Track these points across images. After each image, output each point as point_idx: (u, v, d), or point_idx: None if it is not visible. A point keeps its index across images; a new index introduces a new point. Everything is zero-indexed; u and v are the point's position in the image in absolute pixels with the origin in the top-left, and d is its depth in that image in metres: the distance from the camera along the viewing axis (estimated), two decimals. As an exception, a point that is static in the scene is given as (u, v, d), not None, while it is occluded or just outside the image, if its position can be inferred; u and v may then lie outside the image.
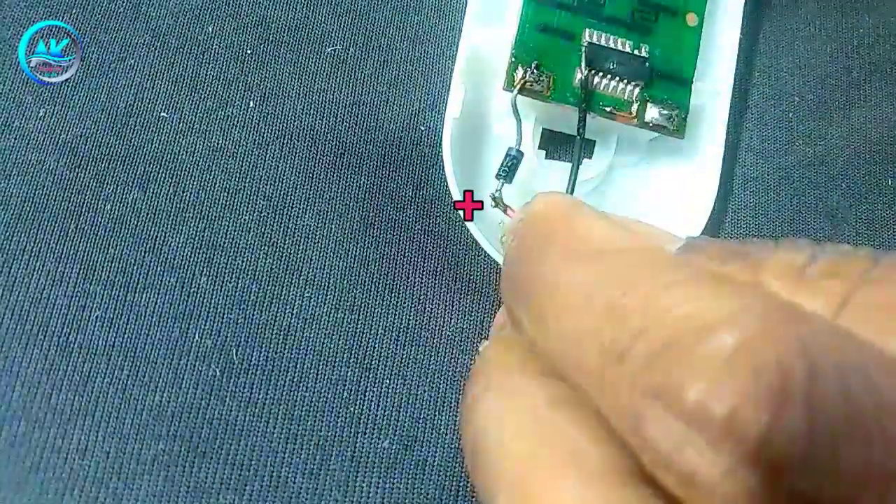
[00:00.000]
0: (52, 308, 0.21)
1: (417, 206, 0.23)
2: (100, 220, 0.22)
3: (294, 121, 0.24)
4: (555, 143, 0.24)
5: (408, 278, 0.23)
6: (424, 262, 0.23)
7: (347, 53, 0.25)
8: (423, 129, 0.24)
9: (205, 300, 0.22)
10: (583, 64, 0.22)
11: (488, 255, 0.22)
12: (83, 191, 0.22)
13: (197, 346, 0.21)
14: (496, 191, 0.20)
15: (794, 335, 0.11)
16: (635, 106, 0.22)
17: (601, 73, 0.22)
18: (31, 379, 0.20)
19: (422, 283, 0.23)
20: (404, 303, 0.22)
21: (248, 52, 0.25)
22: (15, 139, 0.23)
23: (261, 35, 0.25)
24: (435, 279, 0.23)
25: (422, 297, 0.22)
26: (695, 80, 0.23)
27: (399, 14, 0.26)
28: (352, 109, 0.24)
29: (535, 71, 0.22)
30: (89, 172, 0.23)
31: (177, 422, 0.20)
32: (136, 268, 0.22)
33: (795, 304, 0.12)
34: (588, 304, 0.13)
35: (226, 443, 0.20)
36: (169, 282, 0.22)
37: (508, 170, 0.21)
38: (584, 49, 0.22)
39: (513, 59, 0.22)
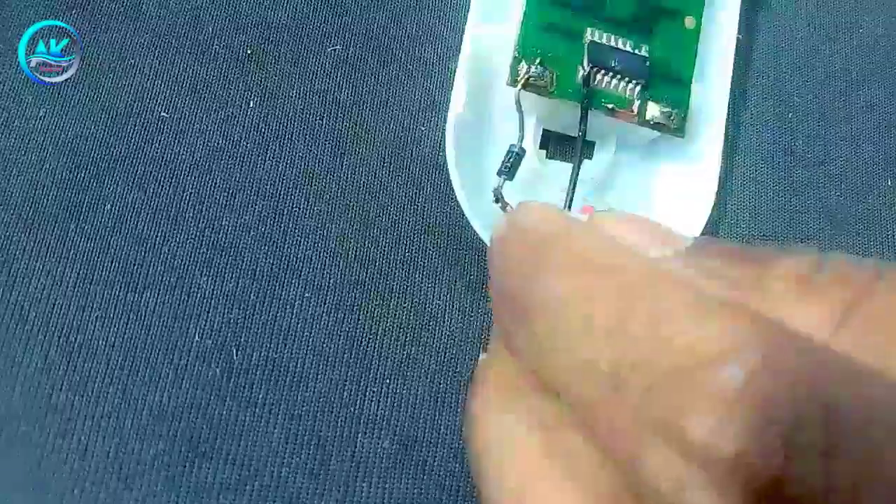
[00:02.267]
0: (52, 308, 0.21)
1: (418, 207, 0.23)
2: (100, 220, 0.22)
3: (294, 121, 0.24)
4: (555, 144, 0.24)
5: (408, 278, 0.23)
6: (424, 262, 0.23)
7: (347, 53, 0.25)
8: (423, 129, 0.24)
9: (205, 300, 0.22)
10: (585, 61, 0.22)
11: (487, 253, 0.22)
12: (83, 191, 0.22)
13: (197, 346, 0.21)
14: (498, 187, 0.20)
15: (805, 370, 0.10)
16: (636, 104, 0.22)
17: (603, 71, 0.22)
18: (31, 379, 0.20)
19: (422, 283, 0.23)
20: (404, 303, 0.22)
21: (248, 52, 0.25)
22: (15, 139, 0.23)
23: (261, 35, 0.25)
24: (435, 279, 0.23)
25: (422, 297, 0.22)
26: (694, 80, 0.23)
27: (399, 14, 0.26)
28: (352, 109, 0.24)
29: (538, 67, 0.22)
30: (89, 172, 0.23)
31: (177, 422, 0.20)
32: (136, 268, 0.22)
33: (800, 319, 0.11)
34: (585, 327, 0.12)
35: (226, 443, 0.20)
36: (169, 282, 0.22)
37: (511, 166, 0.21)
38: (586, 47, 0.22)
39: (516, 55, 0.22)
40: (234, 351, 0.21)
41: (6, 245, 0.22)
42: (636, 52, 0.22)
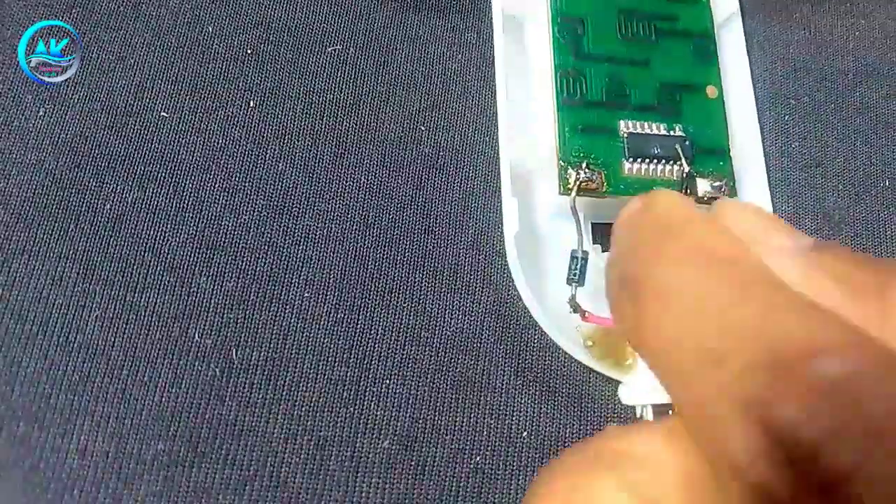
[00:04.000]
0: (52, 308, 0.21)
1: (417, 207, 0.23)
2: (100, 219, 0.22)
3: (294, 121, 0.24)
4: (607, 236, 0.24)
5: (407, 278, 0.23)
6: (424, 262, 0.23)
7: (347, 53, 0.25)
8: (423, 129, 0.24)
9: (205, 300, 0.22)
10: (626, 153, 0.22)
11: (486, 254, 0.22)
12: (83, 190, 0.22)
13: (197, 345, 0.21)
14: (572, 296, 0.21)
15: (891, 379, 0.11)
16: (685, 184, 0.22)
17: (647, 160, 0.22)
18: (31, 379, 0.20)
19: (421, 283, 0.23)
20: (404, 303, 0.22)
21: (249, 51, 0.25)
22: (15, 139, 0.23)
23: (261, 35, 0.25)
24: (434, 279, 0.23)
25: (421, 297, 0.22)
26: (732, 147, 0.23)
27: (399, 14, 0.26)
28: (351, 109, 0.24)
29: (586, 171, 0.21)
30: (89, 172, 0.23)
31: (177, 422, 0.20)
32: (135, 267, 0.22)
33: None
34: (697, 307, 0.13)
35: (226, 443, 0.20)
36: (169, 281, 0.22)
37: (579, 272, 0.21)
38: (625, 140, 0.22)
39: (561, 164, 0.22)
40: (234, 351, 0.21)
41: (6, 245, 0.22)
42: (671, 133, 0.22)
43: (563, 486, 0.14)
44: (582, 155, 0.22)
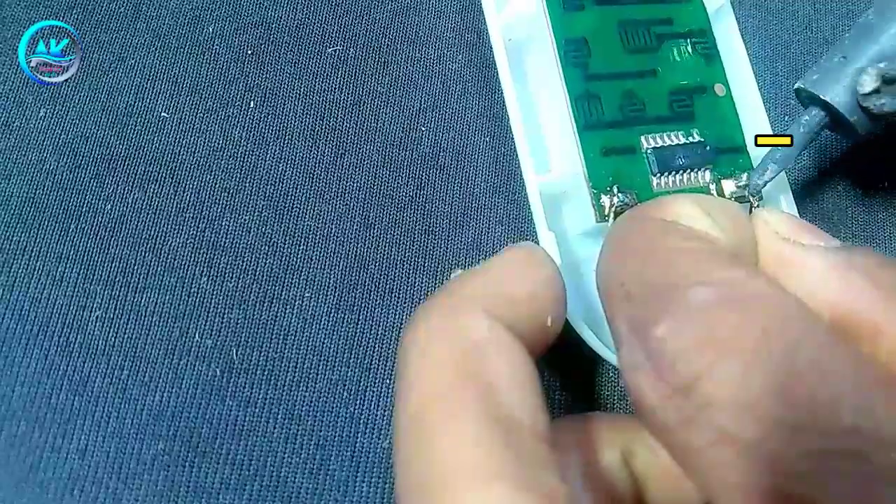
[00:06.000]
0: (52, 308, 0.21)
1: (417, 207, 0.23)
2: (100, 220, 0.22)
3: (294, 121, 0.24)
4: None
5: (408, 279, 0.23)
6: (424, 263, 0.23)
7: (348, 54, 0.25)
8: (423, 129, 0.24)
9: (205, 300, 0.22)
10: (654, 168, 0.21)
11: (487, 254, 0.22)
12: (83, 191, 0.22)
13: (197, 346, 0.21)
14: None
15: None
16: (713, 188, 0.22)
17: (673, 172, 0.22)
18: (31, 379, 0.20)
19: (422, 283, 0.23)
20: (404, 303, 0.22)
21: (249, 52, 0.25)
22: (15, 139, 0.23)
23: (261, 35, 0.25)
24: (435, 279, 0.23)
25: (422, 298, 0.22)
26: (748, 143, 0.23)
27: (399, 15, 0.26)
28: (352, 110, 0.24)
29: (619, 194, 0.21)
30: (89, 172, 0.23)
31: (177, 422, 0.20)
32: (136, 268, 0.22)
33: None
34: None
35: (226, 443, 0.20)
36: (169, 282, 0.22)
37: None
38: (651, 156, 0.22)
39: (593, 191, 0.21)
40: (234, 351, 0.21)
41: (6, 245, 0.22)
42: (689, 140, 0.22)
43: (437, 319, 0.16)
44: (610, 178, 0.21)
